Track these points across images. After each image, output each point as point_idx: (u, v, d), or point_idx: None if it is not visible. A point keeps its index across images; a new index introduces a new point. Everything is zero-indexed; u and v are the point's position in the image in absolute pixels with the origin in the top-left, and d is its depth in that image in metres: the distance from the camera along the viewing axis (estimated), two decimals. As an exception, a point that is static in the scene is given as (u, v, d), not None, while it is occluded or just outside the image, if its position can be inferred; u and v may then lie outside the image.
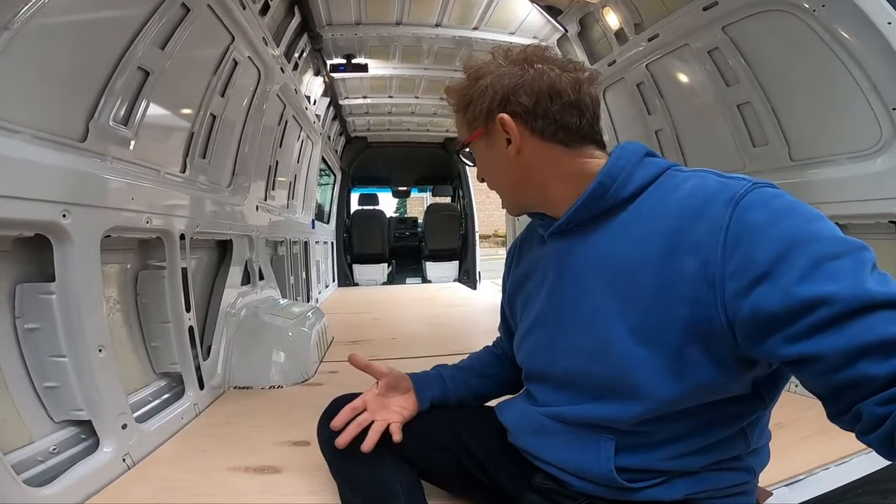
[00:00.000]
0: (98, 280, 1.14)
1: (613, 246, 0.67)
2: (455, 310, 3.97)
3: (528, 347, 0.81)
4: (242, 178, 2.21)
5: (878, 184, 1.39)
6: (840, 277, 0.49)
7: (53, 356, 1.07)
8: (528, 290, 0.82)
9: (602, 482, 0.69)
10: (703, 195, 0.59)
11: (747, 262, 0.53)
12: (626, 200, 0.67)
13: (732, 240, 0.55)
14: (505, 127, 0.70)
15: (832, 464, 1.08)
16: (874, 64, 1.34)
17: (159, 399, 1.47)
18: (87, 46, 1.16)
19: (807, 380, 0.53)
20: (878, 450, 0.49)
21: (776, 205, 0.55)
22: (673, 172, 0.67)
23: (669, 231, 0.60)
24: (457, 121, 0.79)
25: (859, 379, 0.48)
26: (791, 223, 0.53)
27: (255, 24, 1.99)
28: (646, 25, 2.08)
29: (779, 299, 0.51)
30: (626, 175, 0.67)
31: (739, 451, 0.67)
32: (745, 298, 0.53)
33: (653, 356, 0.61)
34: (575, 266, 0.71)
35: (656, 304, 0.60)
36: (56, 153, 1.06)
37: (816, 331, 0.49)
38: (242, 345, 1.91)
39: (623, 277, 0.64)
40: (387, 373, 0.92)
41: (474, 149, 0.78)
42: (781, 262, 0.51)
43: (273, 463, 1.19)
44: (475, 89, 0.72)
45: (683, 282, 0.58)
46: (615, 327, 0.64)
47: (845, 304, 0.48)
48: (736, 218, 0.55)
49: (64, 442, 1.10)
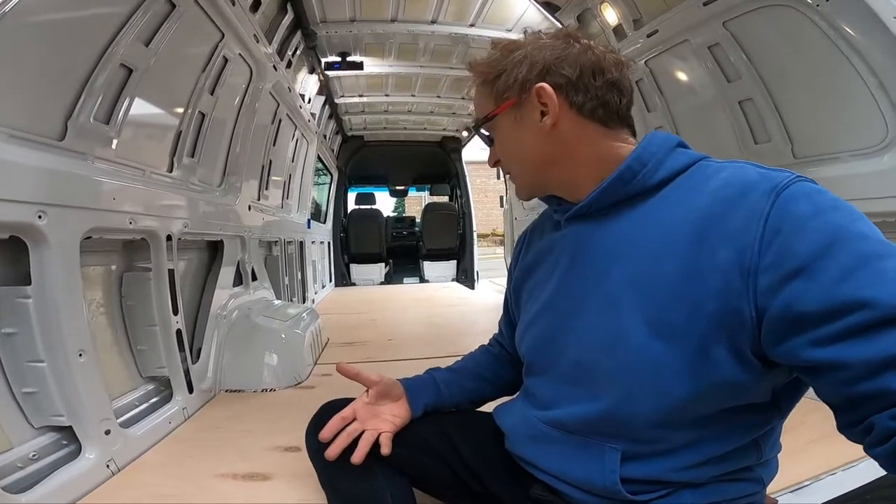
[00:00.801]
0: (77, 283, 1.11)
1: (637, 232, 0.62)
2: (453, 310, 3.94)
3: (532, 337, 0.76)
4: (234, 177, 2.17)
5: (884, 181, 1.36)
6: (883, 281, 0.46)
7: (31, 361, 1.05)
8: (537, 277, 0.78)
9: (605, 494, 0.64)
10: (740, 184, 0.56)
11: (785, 253, 0.49)
12: (654, 188, 0.63)
13: (771, 230, 0.51)
14: (542, 97, 0.66)
15: (839, 469, 1.06)
16: (880, 59, 1.31)
17: (146, 403, 1.44)
18: (66, 43, 1.12)
19: (823, 388, 0.50)
20: (885, 464, 0.46)
21: (820, 199, 0.51)
22: (706, 163, 0.63)
23: (701, 219, 0.56)
24: (478, 95, 0.75)
25: (881, 392, 0.45)
26: (836, 218, 0.50)
27: (246, 21, 1.95)
28: (645, 21, 2.05)
29: (814, 298, 0.47)
30: (657, 161, 0.63)
31: (750, 462, 0.63)
32: (779, 293, 0.49)
33: (672, 351, 0.56)
34: (593, 251, 0.67)
35: (681, 295, 0.56)
36: (31, 152, 1.03)
37: (848, 336, 0.46)
38: (234, 347, 1.88)
39: (646, 265, 0.60)
40: (377, 381, 0.87)
41: (499, 123, 0.72)
42: (822, 258, 0.48)
43: (262, 470, 1.16)
44: (509, 60, 0.68)
45: (715, 272, 0.54)
46: (632, 318, 0.59)
47: (885, 310, 0.44)
48: (777, 207, 0.51)
49: (44, 448, 1.08)
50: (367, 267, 6.15)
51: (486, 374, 0.95)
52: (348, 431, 0.80)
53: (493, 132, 0.74)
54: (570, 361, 0.68)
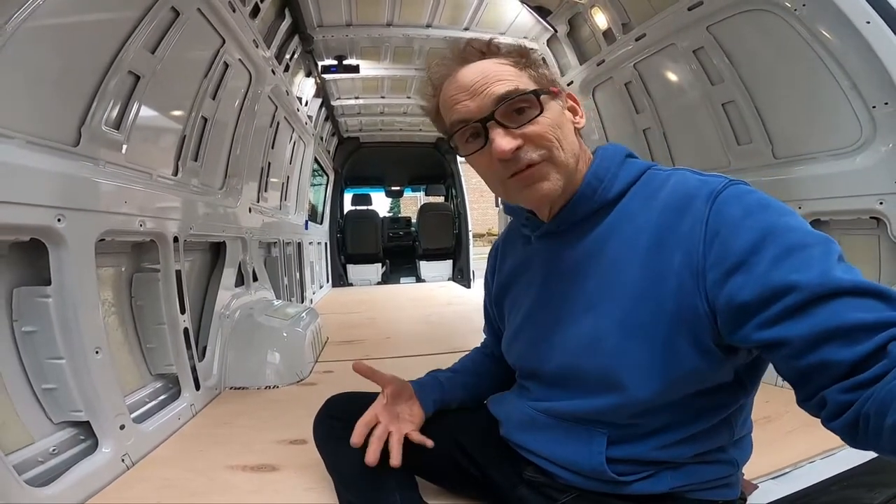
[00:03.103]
0: (93, 283, 1.15)
1: (603, 245, 0.69)
2: (449, 308, 3.98)
3: (518, 347, 0.83)
4: (235, 179, 2.21)
5: (859, 181, 1.42)
6: (809, 266, 0.52)
7: (51, 358, 1.08)
8: (516, 291, 0.84)
9: (592, 475, 0.71)
10: (684, 192, 0.63)
11: (724, 252, 0.57)
12: (612, 202, 0.70)
13: (711, 232, 0.58)
14: (574, 100, 0.73)
15: (817, 457, 1.10)
16: (854, 63, 1.37)
17: (156, 400, 1.48)
18: (78, 51, 1.16)
19: (777, 364, 0.56)
20: (843, 437, 0.51)
21: (750, 200, 0.59)
22: (653, 172, 0.70)
23: (656, 227, 0.63)
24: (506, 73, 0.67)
25: (823, 364, 0.50)
26: (764, 216, 0.56)
27: (246, 27, 1.99)
28: (633, 25, 2.11)
29: (751, 287, 0.54)
30: (612, 176, 0.70)
31: (724, 441, 0.69)
32: (723, 287, 0.56)
33: (643, 349, 0.63)
34: (565, 266, 0.73)
35: (645, 298, 0.63)
36: (49, 158, 1.07)
37: (785, 316, 0.52)
38: (237, 346, 1.92)
39: (614, 274, 0.67)
40: (391, 381, 0.91)
41: (551, 103, 0.68)
42: (755, 253, 0.54)
43: (270, 461, 1.20)
44: (531, 57, 0.70)
45: (671, 275, 0.61)
46: (606, 323, 0.66)
47: (812, 290, 0.50)
48: (714, 211, 0.59)
49: (63, 443, 1.11)
50: (364, 267, 6.17)
51: (483, 371, 1.01)
52: (377, 435, 0.83)
53: (542, 110, 0.66)
54: (556, 367, 0.74)
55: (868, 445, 0.48)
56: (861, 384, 0.47)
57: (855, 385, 0.48)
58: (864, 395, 0.47)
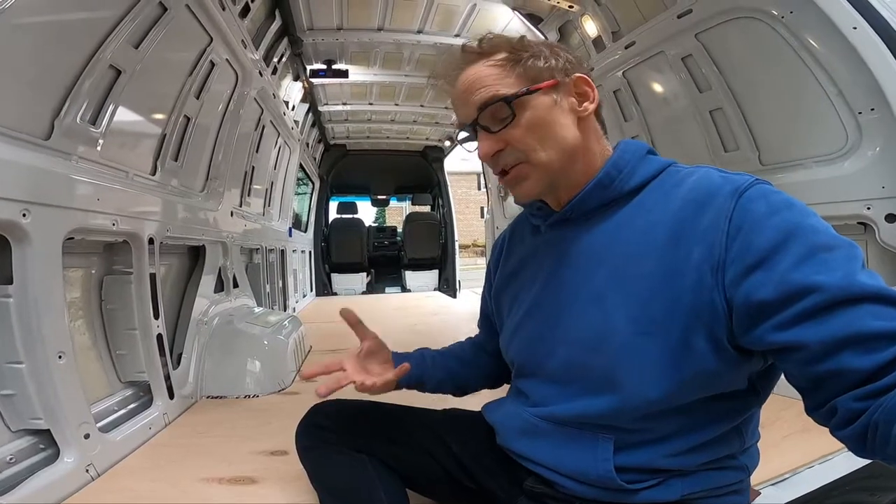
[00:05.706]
0: (59, 283, 1.09)
1: (617, 236, 0.67)
2: (435, 318, 3.94)
3: (519, 341, 0.78)
4: (217, 182, 2.15)
5: (846, 186, 1.43)
6: (832, 268, 0.50)
7: (10, 363, 1.02)
8: (520, 282, 0.80)
9: (600, 484, 0.66)
10: (707, 187, 0.61)
11: (747, 248, 0.55)
12: (629, 193, 0.68)
13: (735, 227, 0.56)
14: (583, 85, 0.70)
15: (815, 462, 1.09)
16: (840, 69, 1.39)
17: (125, 409, 1.41)
18: (56, 42, 1.11)
19: (790, 369, 0.54)
20: (851, 446, 0.50)
21: (776, 199, 0.57)
22: (674, 169, 0.69)
23: (674, 221, 0.61)
24: (488, 74, 0.68)
25: (840, 371, 0.48)
26: (789, 215, 0.55)
27: (235, 27, 1.96)
28: (623, 33, 2.13)
29: (772, 286, 0.52)
30: (632, 168, 0.68)
31: (734, 449, 0.67)
32: (742, 284, 0.54)
33: (654, 346, 0.60)
34: (576, 255, 0.70)
35: (660, 293, 0.60)
36: (17, 150, 1.01)
37: (804, 318, 0.50)
38: (216, 353, 1.85)
39: (626, 267, 0.64)
40: (373, 337, 0.89)
41: (532, 102, 0.67)
42: (778, 251, 0.53)
43: (249, 473, 1.14)
44: (532, 47, 0.69)
45: (690, 269, 0.58)
46: (617, 317, 0.63)
47: (834, 293, 0.49)
48: (739, 207, 0.57)
49: (22, 451, 1.05)
50: (349, 276, 6.10)
51: (468, 357, 0.97)
52: (336, 377, 0.79)
53: (520, 112, 0.67)
54: (560, 362, 0.70)
55: (875, 454, 0.47)
56: (875, 392, 0.47)
57: (869, 393, 0.47)
58: (875, 403, 0.46)
